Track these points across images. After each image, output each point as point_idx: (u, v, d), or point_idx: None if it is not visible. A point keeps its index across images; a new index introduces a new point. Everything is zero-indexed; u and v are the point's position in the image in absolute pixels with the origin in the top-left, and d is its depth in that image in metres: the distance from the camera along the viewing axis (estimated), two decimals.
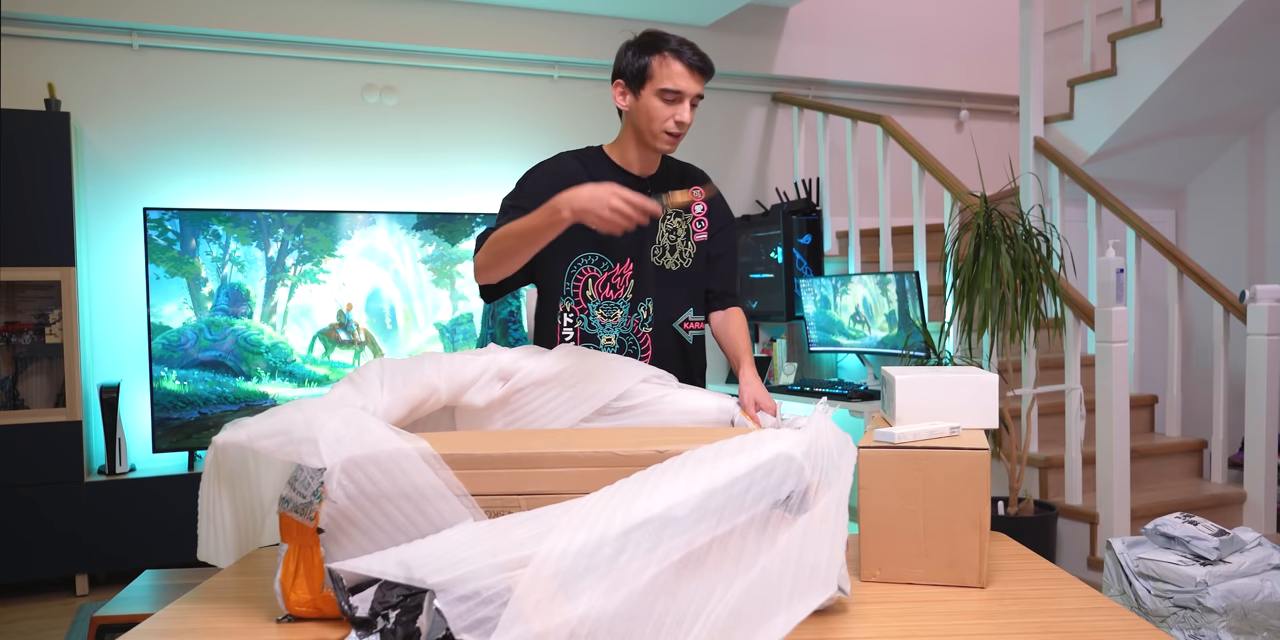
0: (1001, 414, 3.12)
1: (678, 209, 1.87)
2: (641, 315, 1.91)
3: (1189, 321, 4.82)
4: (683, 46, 1.79)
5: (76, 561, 3.48)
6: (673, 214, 1.92)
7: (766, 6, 4.99)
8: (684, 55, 1.78)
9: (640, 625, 1.08)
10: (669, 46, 1.78)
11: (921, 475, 1.34)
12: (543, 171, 1.89)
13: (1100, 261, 3.15)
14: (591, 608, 1.06)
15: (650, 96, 1.80)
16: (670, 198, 1.72)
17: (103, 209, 3.85)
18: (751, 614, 1.09)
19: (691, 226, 1.95)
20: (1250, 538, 2.45)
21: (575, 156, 1.92)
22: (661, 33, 1.82)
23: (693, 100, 1.81)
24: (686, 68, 1.78)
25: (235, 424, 1.28)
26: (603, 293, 1.89)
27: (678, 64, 1.77)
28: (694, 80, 1.79)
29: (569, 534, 1.12)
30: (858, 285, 3.99)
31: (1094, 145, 4.32)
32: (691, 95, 1.80)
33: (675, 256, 1.93)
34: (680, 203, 1.72)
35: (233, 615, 1.27)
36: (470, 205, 4.44)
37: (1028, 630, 1.17)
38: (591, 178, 1.86)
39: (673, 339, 1.95)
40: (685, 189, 1.91)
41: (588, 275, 1.88)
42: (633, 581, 1.09)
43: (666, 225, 1.92)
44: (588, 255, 1.88)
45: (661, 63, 1.78)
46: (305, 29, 4.09)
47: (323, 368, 3.92)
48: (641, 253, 1.89)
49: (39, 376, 3.50)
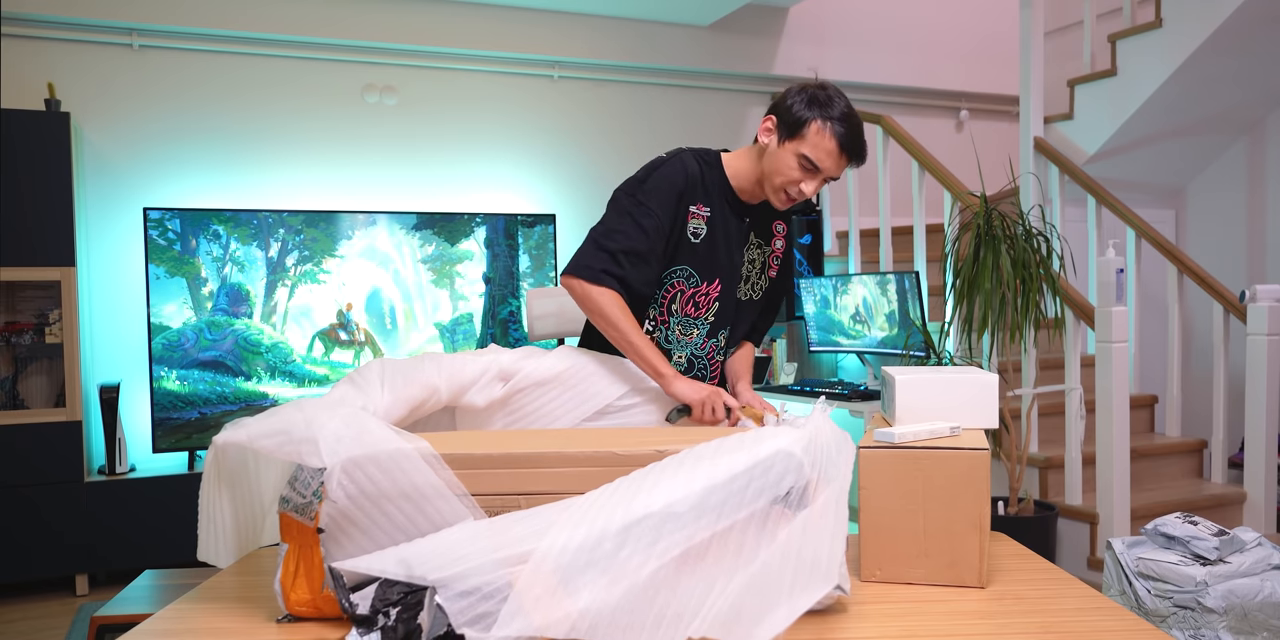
0: (1001, 414, 3.12)
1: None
2: (720, 342, 1.89)
3: (1189, 321, 4.82)
4: (847, 123, 1.69)
5: (76, 561, 3.48)
6: (756, 245, 1.88)
7: (766, 6, 4.99)
8: (842, 136, 1.68)
9: (641, 618, 1.08)
10: (834, 115, 1.68)
11: (921, 475, 1.34)
12: (670, 171, 1.77)
13: (1100, 261, 3.15)
14: (592, 601, 1.07)
15: (790, 153, 1.71)
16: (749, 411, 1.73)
17: (103, 209, 3.85)
18: (752, 607, 1.09)
19: (769, 261, 1.92)
20: (1250, 538, 2.45)
21: (696, 158, 1.82)
22: (842, 99, 1.72)
23: (826, 178, 1.74)
24: (839, 148, 1.69)
25: (235, 424, 1.28)
26: (685, 309, 1.83)
27: (833, 142, 1.68)
28: (839, 161, 1.71)
29: (569, 530, 1.12)
30: (858, 285, 3.99)
31: (1094, 145, 4.32)
32: (828, 174, 1.72)
33: (748, 286, 1.90)
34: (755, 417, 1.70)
35: (233, 615, 1.27)
36: (470, 205, 4.44)
37: (1028, 630, 1.17)
38: (705, 188, 1.80)
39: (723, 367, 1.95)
40: (763, 248, 1.90)
41: (677, 289, 1.82)
42: (633, 576, 1.09)
43: (748, 255, 1.88)
44: (681, 269, 1.81)
45: (820, 130, 1.69)
46: (305, 29, 4.09)
47: (323, 368, 3.92)
48: (727, 276, 1.85)
49: (39, 376, 3.50)
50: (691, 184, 1.77)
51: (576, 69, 4.66)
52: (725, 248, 1.82)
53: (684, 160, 1.79)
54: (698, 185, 1.78)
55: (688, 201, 1.77)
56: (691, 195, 1.78)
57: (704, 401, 1.67)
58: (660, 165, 1.78)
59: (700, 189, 1.79)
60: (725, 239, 1.82)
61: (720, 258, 1.82)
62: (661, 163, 1.78)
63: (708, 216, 1.80)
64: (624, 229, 1.73)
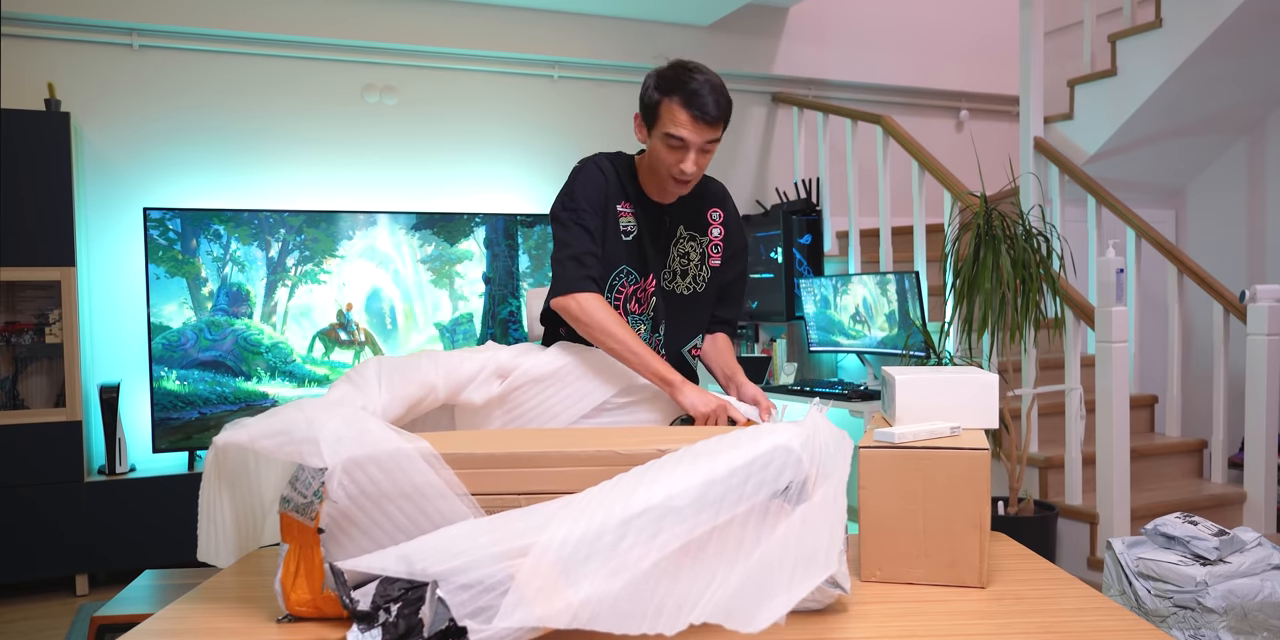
0: (1001, 414, 3.12)
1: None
2: (660, 337, 1.90)
3: (1189, 321, 4.82)
4: (696, 93, 1.66)
5: (76, 561, 3.48)
6: (687, 238, 1.87)
7: (766, 6, 4.99)
8: (692, 103, 1.66)
9: (642, 607, 1.08)
10: (681, 90, 1.66)
11: (921, 475, 1.34)
12: (590, 175, 1.81)
13: (1100, 261, 3.15)
14: (593, 592, 1.07)
15: (658, 139, 1.72)
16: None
17: (103, 209, 3.85)
18: (752, 595, 1.10)
19: (707, 250, 1.90)
20: (1250, 538, 2.45)
21: (610, 160, 1.85)
22: (684, 70, 1.69)
23: (702, 147, 1.70)
24: (688, 115, 1.66)
25: (235, 424, 1.28)
26: (629, 306, 1.85)
27: (681, 111, 1.66)
28: (698, 130, 1.67)
29: (569, 524, 1.12)
30: (858, 285, 3.99)
31: (1094, 145, 4.32)
32: (698, 145, 1.69)
33: (688, 281, 1.89)
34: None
35: (233, 615, 1.27)
36: (470, 205, 4.44)
37: (1028, 630, 1.17)
38: (623, 188, 1.82)
39: (679, 365, 1.91)
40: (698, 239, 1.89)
41: (621, 288, 1.84)
42: (634, 567, 1.10)
43: (679, 249, 1.87)
44: (623, 268, 1.83)
45: (668, 106, 1.68)
46: (305, 29, 4.09)
47: (323, 368, 3.92)
48: (658, 272, 1.86)
49: (39, 376, 3.50)
50: (611, 184, 1.81)
51: (576, 69, 4.66)
52: (652, 244, 1.84)
53: (598, 163, 1.83)
54: (617, 185, 1.82)
55: (613, 201, 1.81)
56: (615, 195, 1.82)
57: (710, 415, 1.66)
58: (579, 173, 1.82)
59: (620, 189, 1.82)
60: (651, 235, 1.84)
61: (649, 254, 1.84)
62: (579, 171, 1.83)
63: (634, 213, 1.83)
64: (573, 238, 1.76)
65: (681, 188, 1.78)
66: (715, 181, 1.96)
